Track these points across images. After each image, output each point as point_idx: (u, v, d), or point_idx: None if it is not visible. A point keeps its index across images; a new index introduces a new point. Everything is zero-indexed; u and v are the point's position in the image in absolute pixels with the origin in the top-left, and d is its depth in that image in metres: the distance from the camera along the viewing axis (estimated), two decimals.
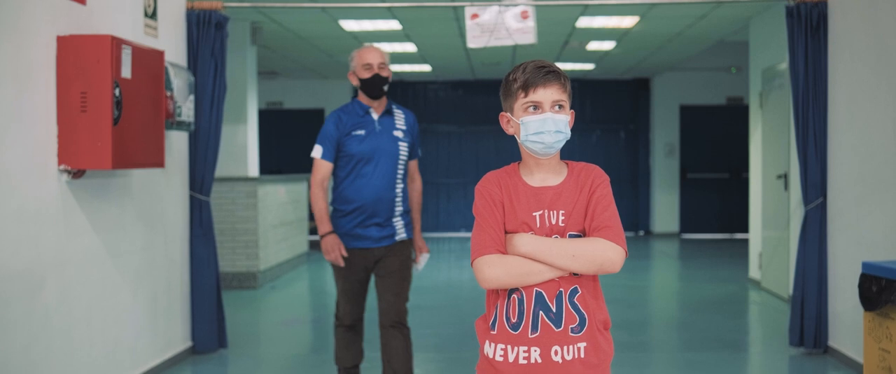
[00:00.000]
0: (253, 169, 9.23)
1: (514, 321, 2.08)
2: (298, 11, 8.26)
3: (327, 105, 14.36)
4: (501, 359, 2.08)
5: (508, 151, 14.47)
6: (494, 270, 2.06)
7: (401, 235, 4.20)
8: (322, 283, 9.45)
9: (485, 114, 14.66)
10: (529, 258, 2.04)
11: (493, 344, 2.12)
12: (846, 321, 5.23)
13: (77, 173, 4.10)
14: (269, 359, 5.76)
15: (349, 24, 9.05)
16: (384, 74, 4.07)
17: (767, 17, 8.04)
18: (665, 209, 14.12)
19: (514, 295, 2.09)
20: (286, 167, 13.72)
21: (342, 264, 4.06)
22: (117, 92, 4.04)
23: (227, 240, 8.38)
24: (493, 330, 2.12)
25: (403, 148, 4.17)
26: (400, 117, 4.25)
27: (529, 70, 2.10)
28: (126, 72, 4.13)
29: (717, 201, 13.97)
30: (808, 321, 5.51)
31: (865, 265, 4.09)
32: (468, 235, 14.52)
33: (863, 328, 4.16)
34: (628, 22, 8.98)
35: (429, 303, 7.73)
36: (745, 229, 9.59)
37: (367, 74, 4.06)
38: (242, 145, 9.01)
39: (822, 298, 5.50)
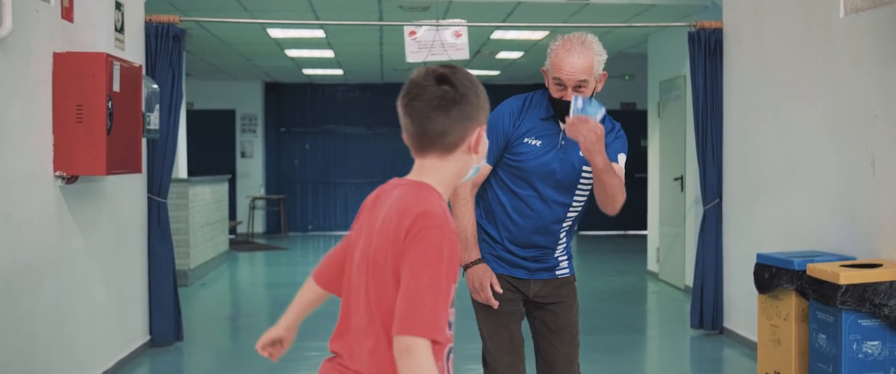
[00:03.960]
0: (182, 171, 9.51)
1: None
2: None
3: (238, 106, 14.58)
4: None
5: None
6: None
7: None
8: (240, 280, 9.87)
9: (392, 116, 14.70)
10: None
11: None
12: (739, 305, 6.07)
13: (70, 179, 4.46)
14: (224, 350, 6.20)
15: (275, 32, 9.45)
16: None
17: (665, 34, 8.90)
18: None
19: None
20: (197, 169, 13.73)
21: (495, 303, 2.93)
22: (110, 104, 4.42)
23: None
24: None
25: (586, 174, 2.99)
26: None
27: None
28: (116, 86, 4.52)
29: None
30: (706, 306, 6.33)
31: (759, 256, 4.89)
32: None
33: (756, 308, 4.97)
34: (538, 35, 9.72)
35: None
36: (639, 227, 10.48)
37: (555, 93, 2.94)
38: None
39: (718, 285, 6.33)
